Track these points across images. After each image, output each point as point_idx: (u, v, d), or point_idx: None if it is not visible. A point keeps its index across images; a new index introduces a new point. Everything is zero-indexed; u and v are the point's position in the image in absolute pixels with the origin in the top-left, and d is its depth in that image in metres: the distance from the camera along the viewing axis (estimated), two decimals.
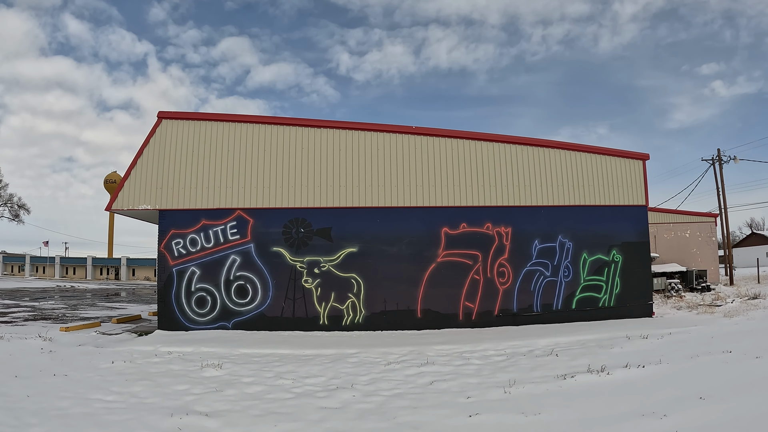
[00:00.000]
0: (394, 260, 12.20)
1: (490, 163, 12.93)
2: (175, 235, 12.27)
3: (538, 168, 13.23)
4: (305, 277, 12.00)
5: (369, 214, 12.29)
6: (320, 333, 11.52)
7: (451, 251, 12.43)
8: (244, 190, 12.29)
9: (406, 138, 12.67)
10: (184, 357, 8.94)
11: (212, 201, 12.32)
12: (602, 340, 10.31)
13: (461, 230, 12.55)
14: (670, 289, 20.85)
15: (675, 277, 22.30)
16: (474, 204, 12.65)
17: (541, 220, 13.08)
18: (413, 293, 12.19)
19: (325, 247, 12.11)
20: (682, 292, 21.80)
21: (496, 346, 9.62)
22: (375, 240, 12.21)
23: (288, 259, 12.06)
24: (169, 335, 11.46)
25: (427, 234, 12.38)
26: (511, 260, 12.73)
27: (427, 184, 12.54)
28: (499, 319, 12.53)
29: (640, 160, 14.46)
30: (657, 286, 19.79)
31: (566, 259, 13.22)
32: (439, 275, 12.28)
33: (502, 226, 12.78)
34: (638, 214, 14.21)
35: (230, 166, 12.40)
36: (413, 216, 12.38)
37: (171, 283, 12.18)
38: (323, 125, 12.57)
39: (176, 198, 12.37)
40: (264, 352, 9.20)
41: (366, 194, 12.33)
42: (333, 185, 12.32)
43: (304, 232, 12.15)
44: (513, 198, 12.94)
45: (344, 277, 12.05)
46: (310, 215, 12.20)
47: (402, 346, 9.57)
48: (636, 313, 13.78)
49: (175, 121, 12.71)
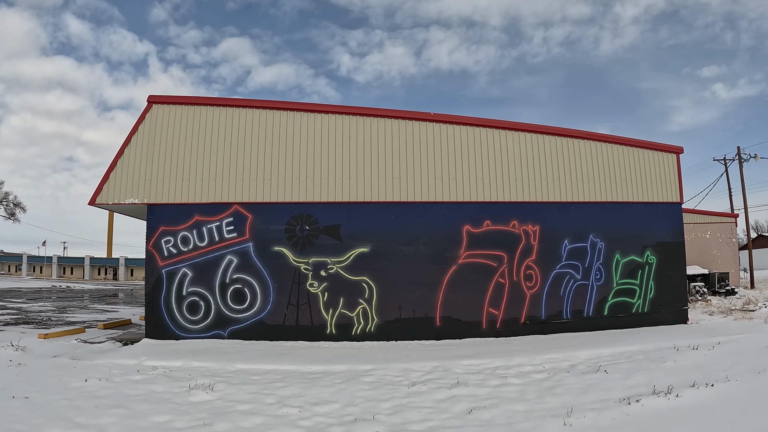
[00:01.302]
0: (411, 262, 10.90)
1: (516, 155, 11.66)
2: (165, 232, 11.00)
3: (567, 161, 11.97)
4: (310, 280, 10.70)
5: (382, 209, 10.99)
6: (327, 344, 10.22)
7: (473, 252, 11.14)
8: (243, 183, 11.01)
9: (424, 126, 11.39)
10: (171, 374, 7.67)
11: (206, 195, 11.04)
12: (648, 352, 9.12)
13: (485, 228, 11.27)
14: (695, 292, 19.68)
15: (697, 279, 21.10)
16: (499, 200, 11.37)
17: (571, 218, 11.82)
18: (432, 299, 10.90)
19: (333, 247, 10.82)
20: (707, 295, 20.65)
21: (531, 360, 8.34)
22: (389, 239, 10.92)
23: (291, 260, 10.77)
24: (157, 345, 10.19)
25: (447, 232, 11.09)
26: (539, 262, 11.46)
27: (448, 177, 11.25)
28: (525, 327, 11.25)
29: (674, 153, 13.24)
30: None
31: (598, 261, 11.97)
32: (460, 278, 10.99)
33: (529, 224, 11.50)
34: (673, 212, 13.01)
35: (227, 156, 11.12)
36: (432, 212, 11.09)
37: (160, 286, 10.91)
38: (332, 111, 11.30)
39: (167, 191, 11.10)
40: (264, 369, 7.92)
41: (379, 188, 11.04)
42: (342, 177, 11.03)
43: (310, 230, 10.86)
44: (541, 193, 11.67)
45: (354, 281, 10.75)
46: (317, 211, 10.91)
47: (423, 360, 8.28)
48: (670, 320, 12.59)
49: (166, 106, 11.44)
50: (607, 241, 12.04)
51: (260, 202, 10.90)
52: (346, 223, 10.89)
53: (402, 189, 11.05)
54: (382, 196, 10.99)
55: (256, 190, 10.95)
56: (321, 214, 10.91)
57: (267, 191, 10.94)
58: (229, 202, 10.97)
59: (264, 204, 10.91)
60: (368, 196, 10.99)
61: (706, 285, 21.28)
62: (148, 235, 11.12)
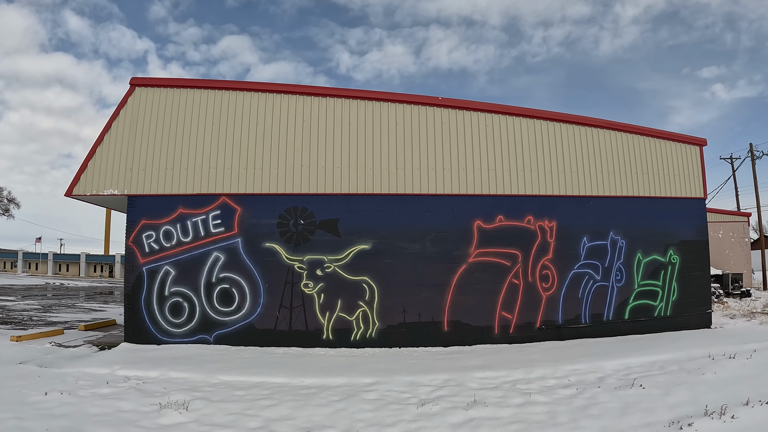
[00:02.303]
0: (416, 260, 9.90)
1: (531, 144, 10.67)
2: (146, 226, 10.01)
3: (586, 151, 11.00)
4: (305, 280, 9.70)
5: (385, 202, 9.98)
6: (323, 351, 9.23)
7: (485, 249, 10.14)
8: (231, 172, 10.00)
9: (431, 111, 10.39)
10: (144, 387, 6.69)
11: (192, 185, 10.04)
12: (682, 362, 8.20)
13: (497, 224, 10.27)
14: (710, 294, 18.77)
15: (711, 281, 20.18)
16: (513, 192, 10.38)
17: (590, 214, 10.85)
18: (439, 301, 9.90)
19: (331, 244, 9.82)
20: (723, 297, 19.77)
21: (554, 372, 7.37)
22: (392, 235, 9.92)
23: (284, 258, 9.77)
24: (135, 351, 9.21)
25: (456, 228, 10.09)
26: (555, 261, 10.48)
27: (457, 167, 10.25)
28: (541, 332, 10.27)
29: (697, 145, 12.30)
30: None
31: (618, 260, 11.01)
32: (470, 279, 9.99)
33: (545, 220, 10.52)
34: (696, 209, 12.09)
35: (215, 143, 10.11)
36: (440, 206, 10.09)
37: (140, 285, 9.92)
38: (330, 94, 10.29)
39: (149, 181, 10.09)
40: (250, 381, 6.93)
41: (382, 178, 10.03)
42: (341, 167, 10.03)
43: (305, 225, 9.86)
44: (558, 186, 10.69)
45: (354, 281, 9.75)
46: (313, 203, 9.91)
47: (432, 371, 7.30)
48: (694, 324, 11.70)
49: (150, 89, 10.44)
50: (628, 238, 11.10)
51: (250, 193, 9.90)
52: (345, 217, 9.89)
53: (407, 180, 10.05)
54: (385, 188, 9.98)
55: (246, 180, 9.95)
56: (317, 206, 9.90)
57: (258, 181, 9.93)
58: (217, 193, 9.97)
59: (254, 195, 9.90)
60: (370, 187, 9.98)
61: (720, 286, 20.43)
62: (128, 230, 10.13)
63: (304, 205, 9.89)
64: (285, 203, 9.87)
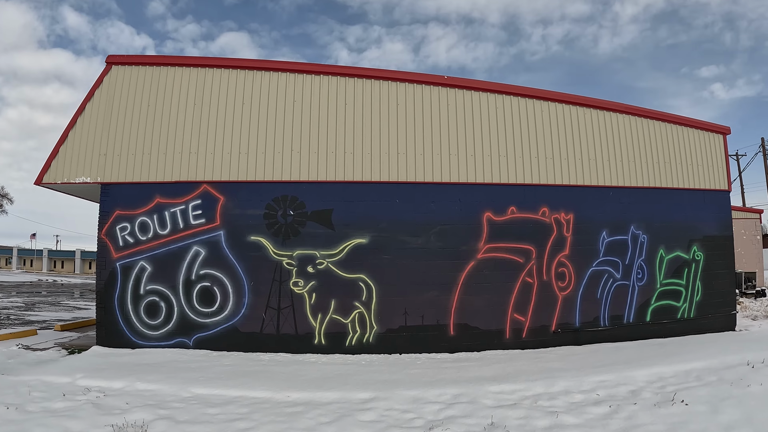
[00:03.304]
0: (419, 256, 8.89)
1: (546, 128, 9.67)
2: (120, 217, 9.01)
3: (605, 137, 10.02)
4: (295, 278, 8.70)
5: (385, 191, 8.97)
6: (315, 357, 8.22)
7: (496, 244, 9.14)
8: (214, 157, 8.98)
9: (436, 91, 9.38)
10: (103, 402, 5.71)
11: (171, 172, 9.03)
12: (719, 370, 7.27)
13: (509, 216, 9.27)
14: (735, 294, 17.88)
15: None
16: (526, 181, 9.38)
17: (610, 206, 9.88)
18: (444, 302, 8.90)
19: (324, 237, 8.81)
20: (739, 297, 18.86)
21: (579, 385, 6.39)
22: (393, 228, 8.91)
23: (271, 253, 8.77)
24: (106, 356, 8.24)
25: (464, 220, 9.08)
26: (573, 257, 9.49)
27: (465, 152, 9.24)
28: (557, 336, 9.30)
29: (720, 134, 11.33)
30: None
31: (640, 257, 10.05)
32: (479, 277, 8.99)
33: (561, 212, 9.53)
34: (720, 202, 11.16)
35: (196, 126, 9.11)
36: (446, 195, 9.08)
37: (114, 282, 8.93)
38: (324, 71, 9.28)
39: (124, 168, 9.10)
40: (228, 396, 5.94)
41: (381, 165, 9.01)
42: (336, 152, 9.01)
43: (295, 216, 8.85)
44: (575, 175, 9.70)
45: (349, 279, 8.75)
46: (304, 192, 8.89)
47: (439, 384, 6.32)
48: (718, 326, 10.78)
49: (128, 68, 9.43)
50: (650, 233, 10.13)
51: (235, 180, 8.89)
52: (339, 208, 8.87)
53: (409, 166, 9.03)
54: (385, 175, 8.97)
55: (229, 166, 8.93)
56: (309, 196, 8.89)
57: (243, 167, 8.92)
58: (198, 180, 8.96)
59: (239, 183, 8.89)
60: (368, 174, 8.97)
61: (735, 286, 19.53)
62: (101, 221, 9.13)
63: (294, 193, 8.86)
64: (273, 192, 8.86)
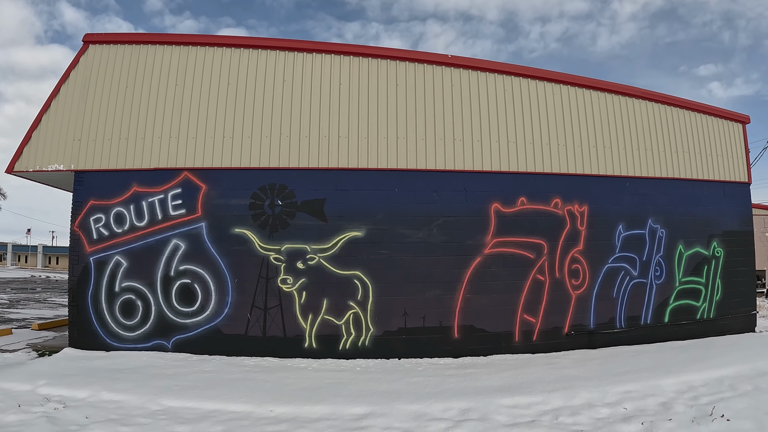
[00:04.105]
0: (420, 251, 8.11)
1: (559, 113, 8.89)
2: (95, 208, 8.23)
3: (620, 123, 9.26)
4: (283, 274, 7.90)
5: (383, 180, 8.16)
6: (305, 362, 7.43)
7: (504, 238, 8.35)
8: (195, 142, 8.18)
9: (439, 71, 8.58)
10: (60, 415, 4.96)
11: (149, 158, 8.23)
12: (752, 378, 6.65)
13: (519, 208, 8.48)
14: (756, 293, 17.21)
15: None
16: (537, 170, 8.59)
17: (626, 198, 9.13)
18: (448, 302, 8.11)
19: (315, 230, 8.01)
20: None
21: (602, 397, 5.64)
22: (391, 219, 8.11)
23: (257, 247, 7.97)
24: (76, 359, 7.48)
25: (469, 212, 8.29)
26: (587, 253, 8.73)
27: (470, 138, 8.44)
28: (570, 339, 8.54)
29: (740, 122, 10.60)
30: None
31: (658, 253, 9.31)
32: (486, 275, 8.20)
33: (575, 204, 8.75)
34: (740, 195, 10.45)
35: (177, 108, 8.30)
36: (449, 184, 8.28)
37: (87, 278, 8.15)
38: (316, 49, 8.47)
39: (99, 154, 8.31)
40: (202, 409, 5.17)
41: (379, 150, 8.21)
42: (329, 136, 8.20)
43: (283, 206, 8.05)
44: (589, 164, 8.94)
45: (343, 276, 7.95)
46: (293, 180, 8.08)
47: (443, 396, 5.54)
48: (738, 327, 10.11)
49: (106, 47, 8.63)
50: (669, 228, 9.40)
51: (218, 167, 8.08)
52: (332, 198, 8.07)
53: (410, 152, 8.23)
54: (383, 162, 8.17)
55: (212, 151, 8.13)
56: (299, 184, 8.08)
57: (227, 153, 8.11)
58: (177, 167, 8.15)
59: (222, 170, 8.09)
60: (363, 161, 8.16)
61: None
62: (74, 212, 8.36)
63: (283, 182, 8.05)
64: (259, 180, 8.05)
